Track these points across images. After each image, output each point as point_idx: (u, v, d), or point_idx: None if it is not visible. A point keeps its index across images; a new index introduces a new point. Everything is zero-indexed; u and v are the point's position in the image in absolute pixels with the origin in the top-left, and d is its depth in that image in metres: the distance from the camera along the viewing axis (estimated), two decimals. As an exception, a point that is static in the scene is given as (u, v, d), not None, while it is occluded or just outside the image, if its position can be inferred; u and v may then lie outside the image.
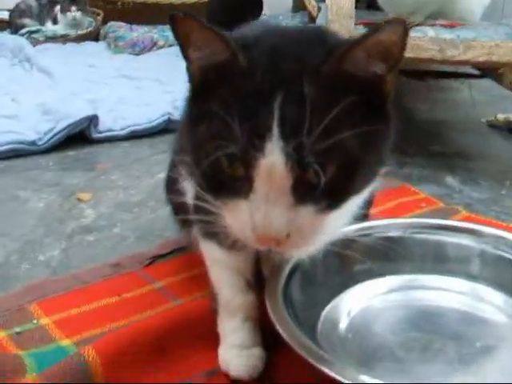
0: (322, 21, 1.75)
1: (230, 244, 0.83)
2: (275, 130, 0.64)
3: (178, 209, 1.02)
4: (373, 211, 1.35)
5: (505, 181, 1.62)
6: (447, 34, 1.61)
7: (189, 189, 0.91)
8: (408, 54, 1.52)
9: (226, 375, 0.87)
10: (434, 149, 1.86)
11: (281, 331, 0.75)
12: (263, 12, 4.45)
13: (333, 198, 0.69)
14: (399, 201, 1.43)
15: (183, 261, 1.17)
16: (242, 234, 0.71)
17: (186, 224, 1.03)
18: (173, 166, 1.01)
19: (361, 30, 1.71)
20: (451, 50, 1.53)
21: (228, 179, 0.68)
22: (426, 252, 0.98)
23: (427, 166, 1.70)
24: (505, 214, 1.43)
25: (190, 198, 0.90)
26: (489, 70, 1.87)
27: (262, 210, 0.67)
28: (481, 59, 1.53)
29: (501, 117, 2.10)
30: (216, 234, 0.82)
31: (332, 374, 0.68)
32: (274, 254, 0.84)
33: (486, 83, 2.06)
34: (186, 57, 0.71)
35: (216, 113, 0.67)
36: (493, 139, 2.03)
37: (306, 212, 0.68)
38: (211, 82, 0.70)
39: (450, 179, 1.63)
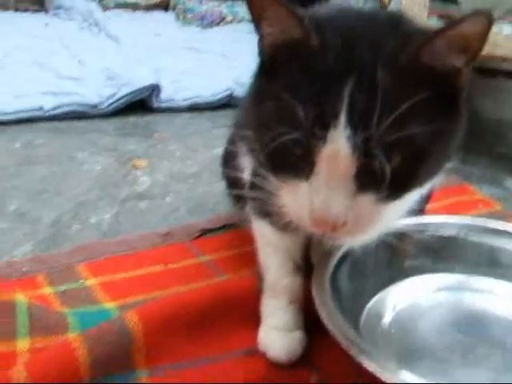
0: (395, 8, 1.72)
1: (283, 225, 0.80)
2: (342, 118, 0.62)
3: (234, 184, 1.01)
4: (430, 206, 1.33)
5: None
6: (525, 32, 1.55)
7: (247, 165, 0.90)
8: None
9: (264, 356, 0.86)
10: (498, 150, 1.81)
11: (324, 319, 0.74)
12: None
13: (395, 188, 0.67)
14: (457, 199, 1.39)
15: (233, 237, 1.16)
16: (298, 215, 0.70)
17: (239, 200, 1.01)
18: (232, 140, 1.00)
19: (434, 21, 1.67)
20: (526, 49, 1.47)
21: (291, 159, 0.67)
22: (479, 255, 0.94)
23: (489, 167, 1.65)
24: None
25: (247, 174, 0.89)
26: None
27: (322, 194, 0.65)
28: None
29: None
30: (269, 213, 0.80)
31: (371, 368, 0.67)
32: (325, 240, 0.81)
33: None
34: (258, 31, 0.69)
35: (283, 93, 0.65)
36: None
37: (366, 200, 0.66)
38: (281, 60, 0.68)
39: (510, 182, 1.58)
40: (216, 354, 0.87)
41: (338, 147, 0.63)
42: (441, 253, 0.94)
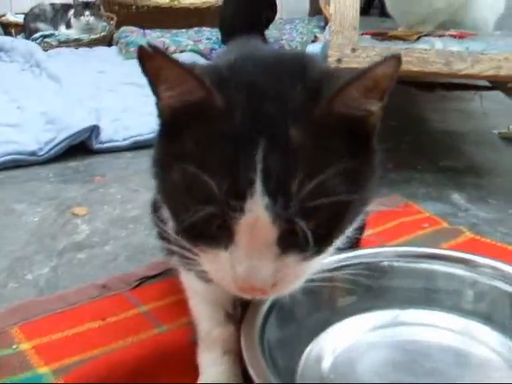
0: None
1: (206, 277, 0.78)
2: (258, 186, 0.59)
3: (160, 233, 0.99)
4: (375, 231, 1.32)
5: (514, 199, 1.57)
6: (455, 46, 1.55)
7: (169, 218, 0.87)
8: (414, 67, 1.49)
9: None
10: (443, 163, 1.81)
11: (252, 374, 0.71)
12: (279, 16, 4.43)
13: (319, 244, 0.65)
14: (401, 220, 1.38)
15: (172, 284, 1.13)
16: (222, 282, 0.68)
17: (168, 251, 1.00)
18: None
19: (367, 41, 1.66)
20: (458, 63, 1.47)
21: (207, 230, 0.64)
22: (414, 283, 0.93)
23: (434, 183, 1.65)
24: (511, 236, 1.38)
25: (170, 226, 0.87)
26: (498, 83, 1.81)
27: (245, 263, 0.63)
28: (489, 73, 1.48)
29: (513, 129, 2.05)
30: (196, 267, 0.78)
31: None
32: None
33: (499, 94, 2.01)
34: (155, 93, 0.66)
35: (189, 163, 0.62)
36: (505, 153, 1.98)
37: (292, 260, 0.65)
38: (183, 123, 0.65)
39: (456, 196, 1.58)
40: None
41: (256, 217, 0.60)
42: (375, 287, 0.92)
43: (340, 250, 0.78)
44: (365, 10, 2.89)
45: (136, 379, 0.88)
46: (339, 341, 0.88)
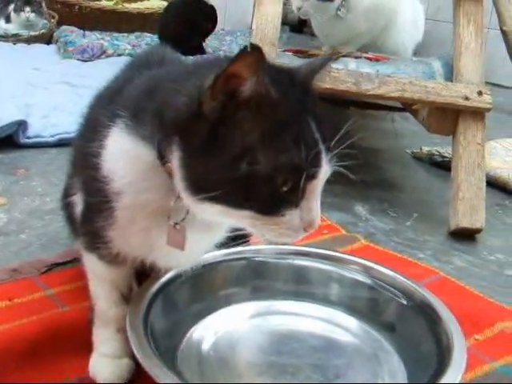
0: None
1: (111, 258, 0.90)
2: (324, 153, 0.76)
3: (69, 218, 1.07)
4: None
5: (413, 213, 1.69)
6: (367, 68, 1.67)
7: (79, 201, 0.95)
8: (326, 84, 1.60)
9: (95, 383, 0.91)
10: (354, 177, 1.91)
11: (136, 351, 0.79)
12: (222, 27, 4.51)
13: None
14: (302, 226, 1.48)
15: (80, 270, 1.20)
16: (284, 236, 0.78)
17: (74, 235, 1.08)
18: (70, 176, 1.05)
19: (287, 57, 1.77)
20: (366, 83, 1.59)
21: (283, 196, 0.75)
22: (288, 278, 1.03)
23: (342, 194, 1.75)
24: (404, 245, 1.50)
25: (79, 209, 0.95)
26: (405, 104, 1.94)
27: (315, 210, 0.78)
28: (394, 95, 1.60)
29: (425, 149, 2.18)
30: (98, 247, 0.89)
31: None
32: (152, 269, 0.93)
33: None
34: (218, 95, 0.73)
35: (261, 151, 0.72)
36: (414, 171, 2.11)
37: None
38: (238, 120, 0.73)
39: (359, 208, 1.69)
40: (49, 381, 0.91)
41: (325, 172, 0.78)
42: (252, 282, 1.02)
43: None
44: (298, 29, 3.00)
45: (35, 352, 0.95)
46: (220, 326, 0.98)
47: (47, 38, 3.51)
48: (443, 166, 2.01)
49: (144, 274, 0.98)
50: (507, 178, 1.95)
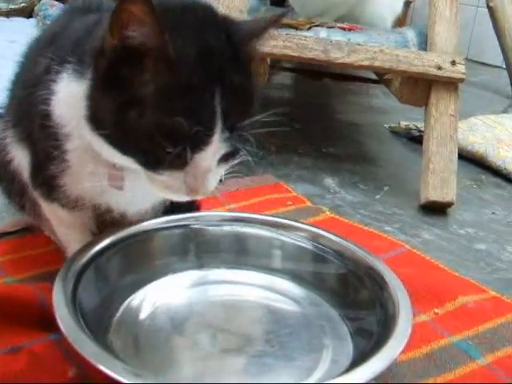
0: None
1: (70, 205, 0.92)
2: (219, 125, 0.73)
3: (8, 189, 1.08)
4: (239, 205, 1.38)
5: (384, 186, 1.65)
6: (338, 37, 1.62)
7: (20, 154, 0.97)
8: (293, 52, 1.55)
9: (26, 354, 0.86)
10: (327, 150, 1.88)
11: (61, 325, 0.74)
12: None
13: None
14: (267, 197, 1.44)
15: (28, 240, 1.17)
16: (172, 192, 0.79)
17: (21, 204, 1.08)
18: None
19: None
20: (335, 51, 1.54)
21: (164, 158, 0.73)
22: (229, 245, 0.99)
23: (312, 167, 1.72)
24: (370, 218, 1.46)
25: (24, 163, 0.97)
26: (378, 75, 1.89)
27: (200, 178, 0.77)
28: (364, 63, 1.55)
29: (403, 124, 2.14)
30: (56, 197, 0.91)
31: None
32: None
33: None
34: (113, 31, 0.71)
35: (154, 106, 0.71)
36: (390, 145, 2.07)
37: (221, 169, 0.81)
38: (134, 67, 0.72)
39: (329, 181, 1.65)
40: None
41: (217, 147, 0.75)
42: (189, 250, 0.98)
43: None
44: (280, 2, 2.94)
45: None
46: (158, 296, 0.93)
47: (28, 12, 3.45)
48: (420, 141, 1.97)
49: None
50: (485, 152, 1.90)
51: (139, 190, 0.87)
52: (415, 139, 2.05)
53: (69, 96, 0.81)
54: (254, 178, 1.53)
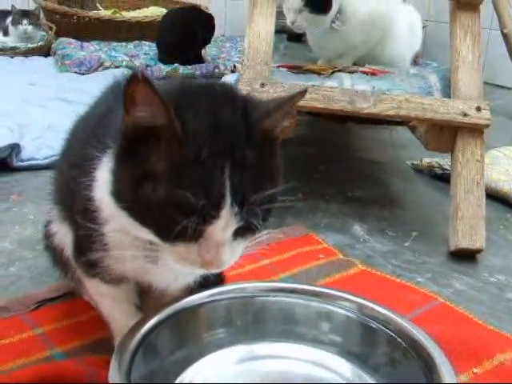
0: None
1: (112, 279, 0.94)
2: (228, 199, 0.74)
3: (55, 257, 1.11)
4: (269, 261, 1.39)
5: (412, 232, 1.66)
6: (362, 85, 1.64)
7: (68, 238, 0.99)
8: (320, 104, 1.57)
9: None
10: (352, 194, 1.90)
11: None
12: (222, 32, 4.50)
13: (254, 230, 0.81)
14: (298, 251, 1.46)
15: (70, 306, 1.18)
16: (187, 264, 0.80)
17: (64, 270, 1.11)
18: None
19: (282, 74, 1.72)
20: (361, 102, 1.56)
21: (179, 231, 0.75)
22: (276, 316, 1.01)
23: (339, 213, 1.73)
24: (401, 268, 1.46)
25: (68, 241, 0.99)
26: (404, 121, 1.91)
27: (213, 251, 0.78)
28: (390, 113, 1.57)
29: (425, 161, 2.15)
30: (97, 272, 0.93)
31: None
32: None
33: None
34: (127, 110, 0.75)
35: (165, 180, 0.74)
36: (414, 184, 2.08)
37: (238, 244, 0.81)
38: (150, 143, 0.75)
39: (357, 228, 1.66)
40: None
41: (227, 221, 0.75)
42: (237, 324, 0.99)
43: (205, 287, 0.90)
44: (296, 37, 2.97)
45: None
46: (207, 373, 0.94)
47: (45, 50, 3.51)
48: (444, 179, 1.98)
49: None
50: (509, 190, 1.91)
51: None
52: (439, 177, 2.07)
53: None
54: (285, 230, 1.54)
